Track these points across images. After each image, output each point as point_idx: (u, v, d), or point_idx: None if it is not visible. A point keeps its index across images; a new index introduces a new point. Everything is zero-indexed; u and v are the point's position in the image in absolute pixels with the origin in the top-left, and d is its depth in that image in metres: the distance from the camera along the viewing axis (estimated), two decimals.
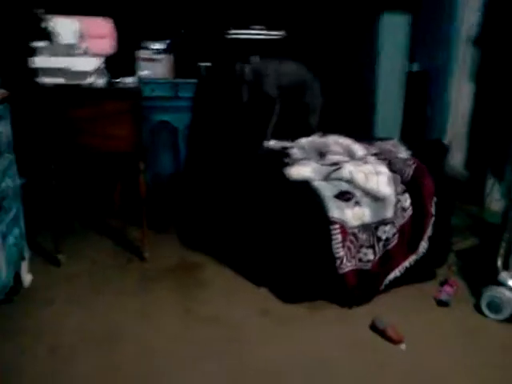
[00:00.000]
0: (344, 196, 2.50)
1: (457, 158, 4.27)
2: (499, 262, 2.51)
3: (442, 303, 2.61)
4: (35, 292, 2.57)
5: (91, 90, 2.73)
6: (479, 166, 4.00)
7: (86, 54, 2.76)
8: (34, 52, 2.62)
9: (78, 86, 2.69)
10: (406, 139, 3.49)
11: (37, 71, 2.64)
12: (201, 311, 2.48)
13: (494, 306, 2.48)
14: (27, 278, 2.64)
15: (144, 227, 2.95)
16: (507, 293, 2.44)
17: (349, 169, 2.59)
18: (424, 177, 2.68)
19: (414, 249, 2.68)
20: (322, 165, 2.67)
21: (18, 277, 2.53)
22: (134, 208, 3.06)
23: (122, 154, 2.83)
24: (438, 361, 2.19)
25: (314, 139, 2.98)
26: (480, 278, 2.70)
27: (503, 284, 2.46)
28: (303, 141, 2.95)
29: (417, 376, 2.10)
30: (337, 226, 2.45)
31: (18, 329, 2.27)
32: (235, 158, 2.99)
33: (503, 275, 2.48)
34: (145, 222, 2.94)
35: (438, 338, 2.36)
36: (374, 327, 2.37)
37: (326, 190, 2.50)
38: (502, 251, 2.52)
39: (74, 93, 2.68)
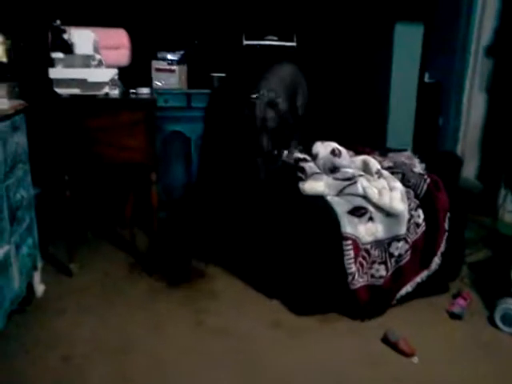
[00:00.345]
0: (357, 211, 2.49)
1: (469, 169, 4.25)
2: None
3: (454, 316, 2.58)
4: (48, 302, 2.59)
5: (106, 100, 2.77)
6: (492, 177, 3.98)
7: (101, 64, 2.80)
8: (51, 63, 2.66)
9: (94, 96, 2.73)
10: (418, 149, 3.48)
11: (54, 82, 2.67)
12: (212, 323, 2.47)
13: (509, 319, 2.45)
14: (40, 288, 2.66)
15: (155, 239, 2.96)
16: None
17: (362, 184, 2.57)
18: (438, 191, 2.66)
19: (426, 265, 2.65)
20: (336, 179, 2.65)
21: (30, 287, 2.55)
22: (146, 219, 3.07)
23: (136, 164, 2.85)
24: (450, 374, 2.17)
25: (328, 151, 2.97)
26: (494, 290, 2.67)
27: None
28: (318, 152, 2.93)
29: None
30: (349, 241, 2.44)
31: (31, 339, 2.28)
32: (249, 171, 2.98)
33: None
34: (157, 231, 2.95)
35: (450, 351, 2.34)
36: (385, 340, 2.35)
37: (340, 206, 2.49)
38: None
39: (89, 103, 2.71)
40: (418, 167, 2.82)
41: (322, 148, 2.87)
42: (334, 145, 2.86)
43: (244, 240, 2.98)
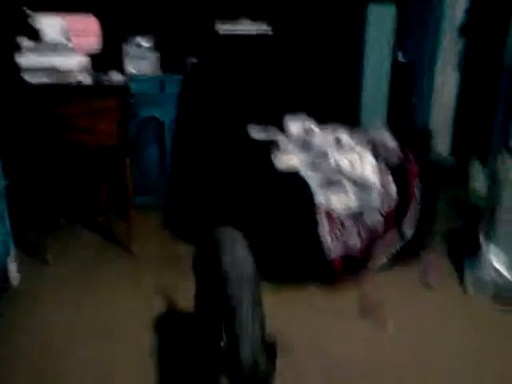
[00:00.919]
0: (331, 184, 2.54)
1: (442, 145, 4.33)
2: (482, 243, 2.56)
3: (427, 284, 2.66)
4: (24, 290, 2.58)
5: (79, 87, 2.75)
6: (464, 152, 4.07)
7: (71, 51, 2.78)
8: (19, 49, 2.63)
9: (65, 84, 2.71)
10: (392, 126, 3.54)
11: (23, 70, 2.65)
12: (191, 303, 2.50)
13: (477, 285, 2.54)
14: (16, 278, 2.64)
15: (131, 221, 2.97)
16: (489, 271, 2.50)
17: (335, 157, 2.63)
18: (409, 164, 2.73)
19: (400, 235, 2.73)
20: (310, 154, 2.71)
21: (6, 277, 2.54)
22: (121, 203, 3.07)
23: (109, 148, 2.84)
24: (423, 340, 2.25)
25: (301, 127, 3.02)
26: (464, 257, 2.75)
27: (485, 263, 2.52)
28: (291, 129, 2.98)
29: (403, 352, 2.16)
30: (324, 213, 2.49)
31: (11, 327, 2.29)
32: (223, 149, 3.00)
33: (485, 255, 2.53)
34: (132, 216, 2.96)
35: (423, 317, 2.41)
36: (361, 309, 2.42)
37: (313, 179, 2.54)
38: (483, 232, 2.57)
39: (61, 91, 2.69)
40: (390, 141, 2.89)
41: (295, 124, 2.91)
42: (307, 121, 2.90)
43: (220, 217, 2.99)
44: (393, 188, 2.69)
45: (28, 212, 3.07)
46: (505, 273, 2.48)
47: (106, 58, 3.16)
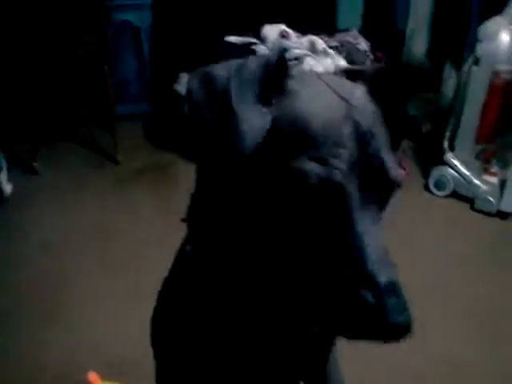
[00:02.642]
0: None
1: (419, 46, 4.34)
2: (445, 144, 2.74)
3: None
4: (17, 199, 2.70)
5: None
6: (439, 55, 4.10)
7: None
8: None
9: None
10: (368, 29, 3.53)
11: None
12: (180, 206, 2.65)
13: (440, 184, 2.75)
14: (7, 187, 2.73)
15: (115, 131, 3.03)
16: (451, 171, 2.70)
17: (309, 63, 2.69)
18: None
19: None
20: None
21: None
22: (103, 114, 3.12)
23: (87, 55, 2.83)
24: (391, 236, 2.48)
25: (276, 34, 3.02)
26: (430, 160, 2.94)
27: (448, 164, 2.71)
28: (266, 34, 2.98)
29: None
30: None
31: (7, 229, 2.45)
32: (199, 53, 3.00)
33: (448, 156, 2.72)
34: (115, 125, 3.03)
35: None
36: None
37: None
38: (448, 133, 2.73)
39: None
40: (363, 45, 2.92)
41: (271, 31, 2.91)
42: (283, 27, 2.90)
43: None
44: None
45: (14, 126, 3.10)
46: (465, 175, 2.68)
47: None
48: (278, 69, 0.62)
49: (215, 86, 0.60)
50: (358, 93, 0.63)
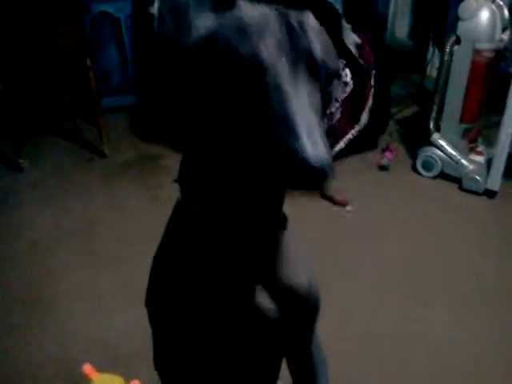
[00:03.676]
0: None
1: (402, 29, 4.35)
2: (431, 125, 2.75)
3: (383, 168, 2.88)
4: (4, 197, 2.67)
5: None
6: (422, 36, 4.11)
7: None
8: None
9: None
10: (349, 13, 3.52)
11: None
12: (166, 197, 2.65)
13: (427, 165, 2.77)
14: None
15: (100, 124, 3.01)
16: (437, 152, 2.72)
17: None
18: (363, 49, 2.79)
19: (356, 121, 2.87)
20: None
21: None
22: (87, 108, 3.08)
23: (67, 49, 2.79)
24: (381, 215, 2.50)
25: None
26: (417, 141, 2.96)
27: (434, 144, 2.73)
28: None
29: (364, 227, 2.42)
30: None
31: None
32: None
33: (435, 136, 2.73)
34: (100, 119, 3.00)
35: (380, 197, 2.66)
36: (322, 194, 2.62)
37: None
38: (433, 114, 2.74)
39: None
40: (344, 28, 2.91)
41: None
42: None
43: (188, 115, 3.04)
44: (348, 74, 2.77)
45: None
46: (451, 155, 2.70)
47: None
48: None
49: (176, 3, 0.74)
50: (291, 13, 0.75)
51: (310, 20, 0.77)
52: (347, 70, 2.87)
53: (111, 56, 3.54)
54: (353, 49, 0.93)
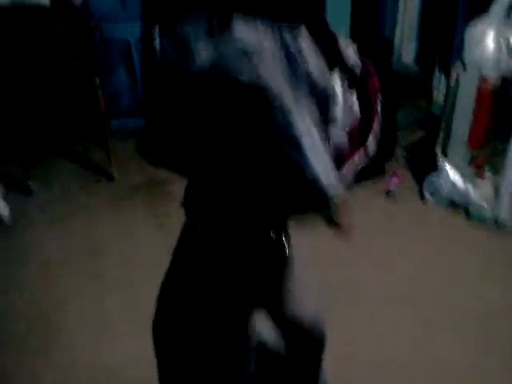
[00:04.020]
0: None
1: (408, 54, 4.39)
2: (438, 150, 2.75)
3: (390, 194, 2.88)
4: (15, 220, 2.70)
5: (39, 10, 2.69)
6: (428, 61, 4.14)
7: None
8: None
9: (25, 5, 2.65)
10: (356, 37, 3.56)
11: None
12: (172, 224, 2.63)
13: (434, 192, 2.77)
14: (5, 209, 2.73)
15: (109, 146, 3.03)
16: (444, 179, 2.72)
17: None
18: (370, 76, 2.81)
19: (364, 150, 2.88)
20: None
21: None
22: (96, 131, 3.12)
23: (77, 68, 2.84)
24: (387, 241, 2.49)
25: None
26: (424, 167, 2.95)
27: (441, 170, 2.73)
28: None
29: (370, 253, 2.40)
30: None
31: (7, 250, 2.45)
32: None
33: (441, 162, 2.73)
34: (109, 141, 3.02)
35: (386, 222, 2.66)
36: (329, 220, 2.62)
37: None
38: (440, 140, 2.75)
39: (21, 13, 2.64)
40: (352, 53, 2.94)
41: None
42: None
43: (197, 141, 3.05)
44: (355, 103, 2.79)
45: (6, 145, 3.10)
46: (459, 182, 2.70)
47: None
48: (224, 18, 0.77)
49: (177, 32, 0.81)
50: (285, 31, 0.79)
51: (304, 37, 0.78)
52: (355, 99, 2.88)
53: (121, 78, 3.58)
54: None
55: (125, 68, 3.58)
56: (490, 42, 2.51)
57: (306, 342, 0.96)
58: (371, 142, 2.99)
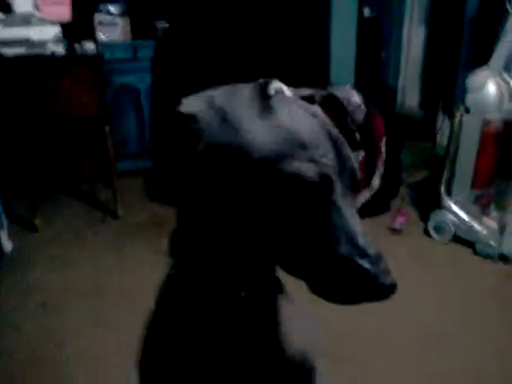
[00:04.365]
0: None
1: (412, 99, 4.48)
2: (442, 189, 2.76)
3: (395, 231, 2.88)
4: (17, 256, 2.71)
5: (53, 58, 2.80)
6: (432, 105, 4.23)
7: (44, 22, 2.81)
8: None
9: (40, 55, 2.75)
10: (361, 83, 3.66)
11: None
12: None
13: (439, 229, 2.76)
14: (8, 245, 2.75)
15: (115, 186, 3.08)
16: (450, 216, 2.72)
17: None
18: (374, 119, 2.88)
19: (367, 186, 2.91)
20: None
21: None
22: (104, 171, 3.17)
23: (88, 118, 2.92)
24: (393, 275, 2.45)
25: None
26: (428, 205, 2.95)
27: (446, 209, 2.73)
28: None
29: None
30: None
31: (8, 288, 2.43)
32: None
33: (446, 201, 2.74)
34: (116, 181, 3.07)
35: (392, 260, 2.60)
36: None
37: None
38: (444, 179, 2.76)
39: (36, 63, 2.74)
40: (356, 98, 3.01)
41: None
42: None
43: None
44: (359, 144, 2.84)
45: (14, 182, 3.14)
46: (462, 216, 2.70)
47: (77, 27, 3.19)
48: (264, 92, 0.74)
49: (217, 106, 0.72)
50: (319, 110, 0.77)
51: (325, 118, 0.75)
52: (358, 137, 2.93)
53: (129, 123, 3.68)
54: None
55: (134, 114, 3.68)
56: (491, 86, 2.56)
57: (295, 378, 0.94)
58: (375, 180, 3.04)
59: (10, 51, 2.71)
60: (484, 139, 2.61)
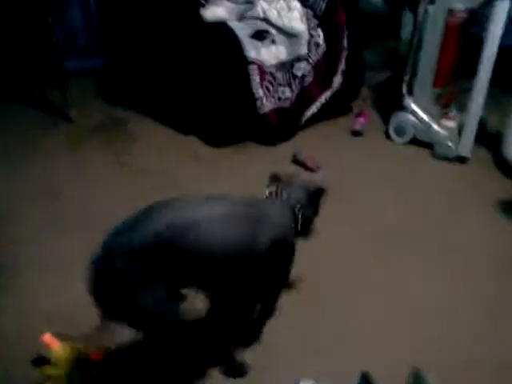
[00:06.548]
0: (259, 35, 2.53)
1: None
2: (404, 89, 2.72)
3: (356, 133, 2.85)
4: None
5: None
6: (398, 2, 4.05)
7: None
8: None
9: None
10: None
11: None
12: (133, 163, 2.57)
13: (400, 130, 2.75)
14: None
15: (65, 87, 2.88)
16: (410, 117, 2.70)
17: (262, 7, 2.60)
18: (336, 11, 2.73)
19: (328, 84, 2.82)
20: (237, 4, 2.65)
21: None
22: (51, 69, 2.94)
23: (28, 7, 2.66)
24: (353, 180, 2.47)
25: None
26: (390, 107, 2.91)
27: (407, 109, 2.70)
28: None
29: (336, 192, 2.37)
30: (254, 66, 2.51)
31: None
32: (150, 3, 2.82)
33: (407, 101, 2.70)
34: (65, 81, 2.87)
35: (352, 161, 2.63)
36: (295, 160, 2.58)
37: (242, 30, 2.51)
38: (406, 78, 2.71)
39: None
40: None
41: None
42: None
43: (153, 78, 2.90)
44: (320, 36, 2.71)
45: None
46: (423, 116, 2.68)
47: None
48: None
49: None
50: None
51: None
52: (319, 31, 2.80)
53: (75, 15, 3.38)
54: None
55: (79, 4, 3.37)
56: None
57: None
58: (336, 77, 2.95)
59: None
60: (448, 31, 2.55)
